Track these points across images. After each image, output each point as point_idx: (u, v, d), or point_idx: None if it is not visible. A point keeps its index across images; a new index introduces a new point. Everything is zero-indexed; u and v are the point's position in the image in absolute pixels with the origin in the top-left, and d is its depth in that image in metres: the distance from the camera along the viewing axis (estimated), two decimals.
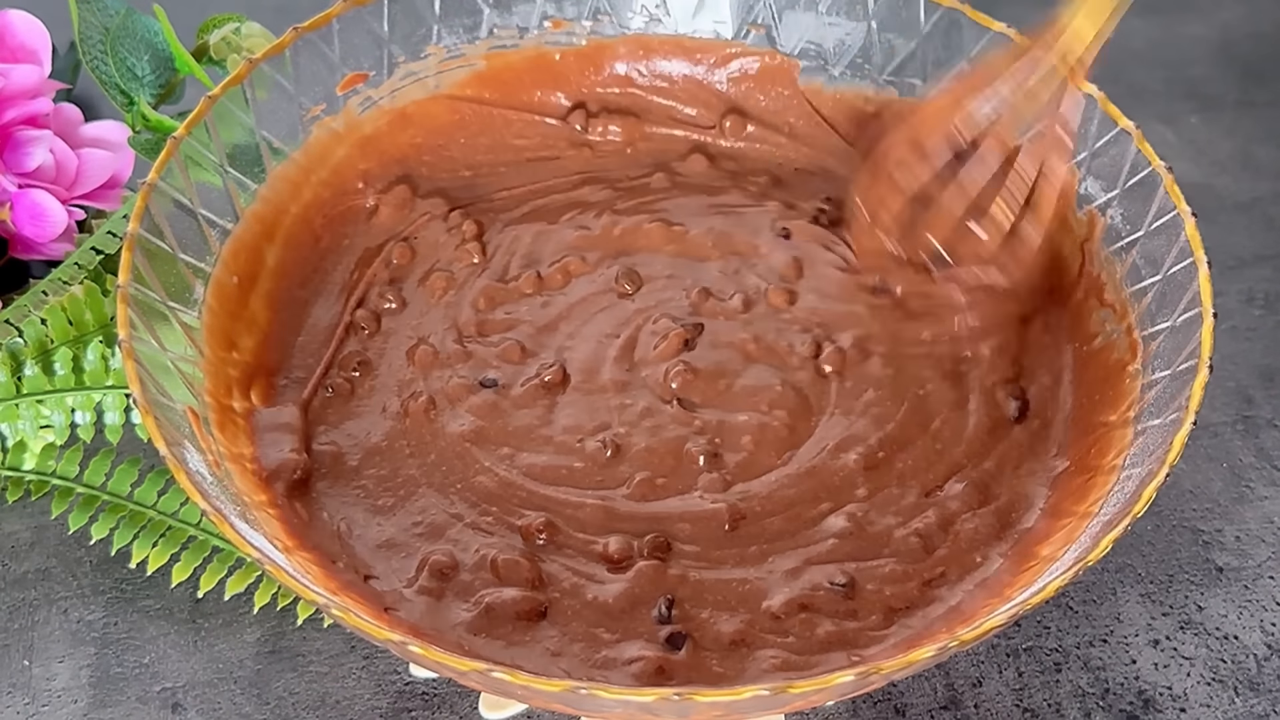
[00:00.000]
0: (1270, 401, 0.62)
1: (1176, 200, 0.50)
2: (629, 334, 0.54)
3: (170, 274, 0.49)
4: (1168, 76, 0.79)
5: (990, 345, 0.54)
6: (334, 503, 0.49)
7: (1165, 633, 0.54)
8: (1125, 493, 0.45)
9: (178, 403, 0.46)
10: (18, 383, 0.55)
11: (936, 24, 0.59)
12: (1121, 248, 0.53)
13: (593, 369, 0.53)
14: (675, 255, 0.57)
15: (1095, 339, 0.53)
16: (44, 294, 0.56)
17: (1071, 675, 0.52)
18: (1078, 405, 0.52)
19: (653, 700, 0.38)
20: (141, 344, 0.46)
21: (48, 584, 0.55)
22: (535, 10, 0.61)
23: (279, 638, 0.53)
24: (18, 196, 0.58)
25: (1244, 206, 0.71)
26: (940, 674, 0.52)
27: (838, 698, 0.42)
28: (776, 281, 0.56)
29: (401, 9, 0.58)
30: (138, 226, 0.48)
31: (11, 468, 0.55)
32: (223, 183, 0.53)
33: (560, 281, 0.56)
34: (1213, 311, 0.47)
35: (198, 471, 0.43)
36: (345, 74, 0.58)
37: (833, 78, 0.62)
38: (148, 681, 0.52)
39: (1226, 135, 0.75)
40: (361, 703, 0.51)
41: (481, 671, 0.39)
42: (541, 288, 0.56)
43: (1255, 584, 0.55)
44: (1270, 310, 0.66)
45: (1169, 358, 0.48)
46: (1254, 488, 0.59)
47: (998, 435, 0.51)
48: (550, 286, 0.56)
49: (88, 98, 0.67)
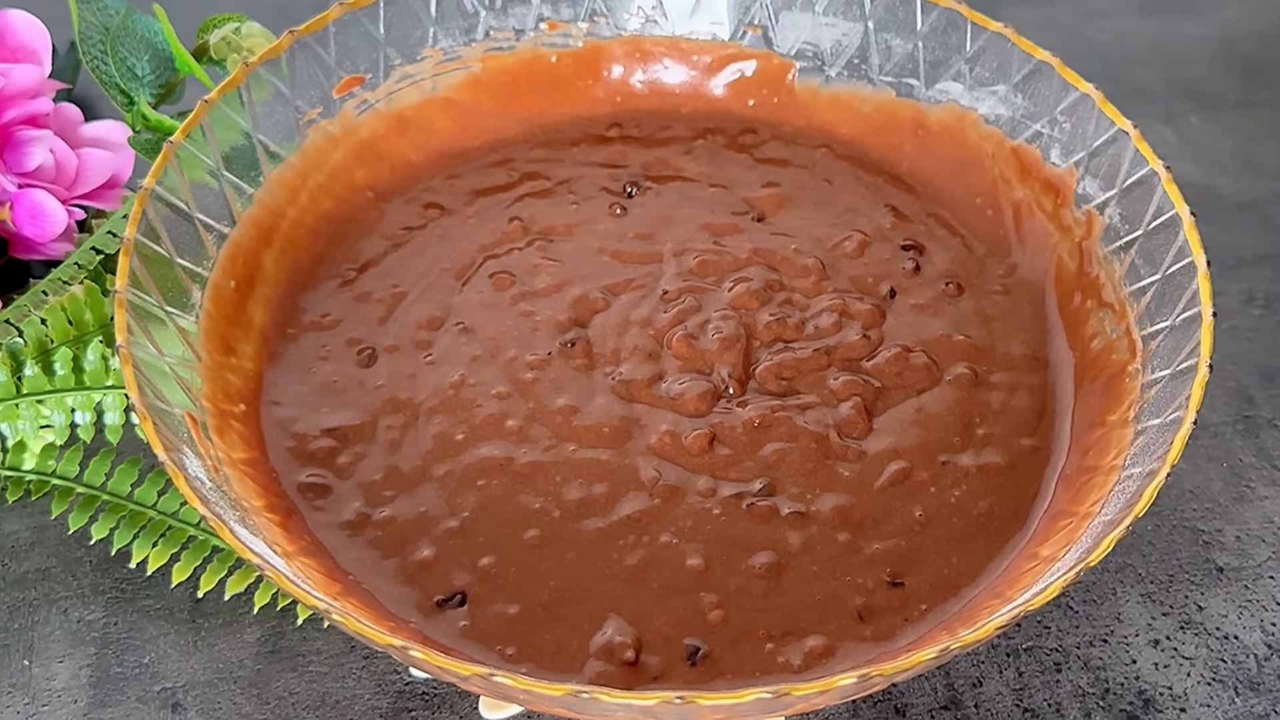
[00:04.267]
0: (1270, 401, 0.62)
1: (1175, 200, 0.50)
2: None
3: (167, 279, 0.49)
4: (1168, 76, 0.79)
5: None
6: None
7: (1165, 633, 0.54)
8: (1125, 493, 0.45)
9: (176, 408, 0.46)
10: (18, 383, 0.55)
11: (934, 24, 0.59)
12: (1120, 247, 0.53)
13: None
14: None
15: (1094, 339, 0.53)
16: (44, 294, 0.56)
17: (1071, 675, 0.52)
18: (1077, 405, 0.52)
19: (654, 704, 0.38)
20: (139, 349, 0.46)
21: (48, 584, 0.55)
22: (531, 12, 0.61)
23: (279, 638, 0.53)
24: (18, 196, 0.58)
25: (1244, 206, 0.71)
26: (940, 674, 0.52)
27: (839, 700, 0.42)
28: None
29: (397, 11, 0.58)
30: (134, 231, 0.48)
31: (11, 468, 0.55)
32: (219, 186, 0.53)
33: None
34: (1212, 310, 0.47)
35: (196, 477, 0.43)
36: (341, 77, 0.58)
37: (829, 78, 0.62)
38: (148, 681, 0.52)
39: (1226, 135, 0.75)
40: (361, 703, 0.51)
41: (483, 676, 0.39)
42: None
43: (1255, 584, 0.55)
44: (1270, 310, 0.66)
45: (1168, 357, 0.48)
46: (1254, 488, 0.59)
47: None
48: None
49: (88, 98, 0.67)
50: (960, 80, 0.59)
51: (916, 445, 0.50)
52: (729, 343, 0.53)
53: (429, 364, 0.53)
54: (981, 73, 0.58)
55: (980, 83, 0.58)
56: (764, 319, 0.54)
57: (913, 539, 0.48)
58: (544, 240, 0.58)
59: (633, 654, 0.45)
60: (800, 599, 0.46)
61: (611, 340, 0.53)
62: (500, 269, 0.56)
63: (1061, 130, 0.56)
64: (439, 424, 0.51)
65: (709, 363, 0.52)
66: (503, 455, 0.50)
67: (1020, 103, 0.57)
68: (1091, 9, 0.84)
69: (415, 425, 0.51)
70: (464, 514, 0.48)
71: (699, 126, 0.63)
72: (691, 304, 0.54)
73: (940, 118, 0.60)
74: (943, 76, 0.59)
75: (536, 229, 0.58)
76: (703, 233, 0.58)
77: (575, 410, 0.51)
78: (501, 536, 0.48)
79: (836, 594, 0.47)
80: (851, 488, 0.49)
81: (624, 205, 0.59)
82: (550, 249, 0.57)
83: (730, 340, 0.53)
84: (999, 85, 0.58)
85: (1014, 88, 0.57)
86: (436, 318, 0.55)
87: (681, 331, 0.53)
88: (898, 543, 0.48)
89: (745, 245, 0.57)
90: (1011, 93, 0.57)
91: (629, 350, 0.53)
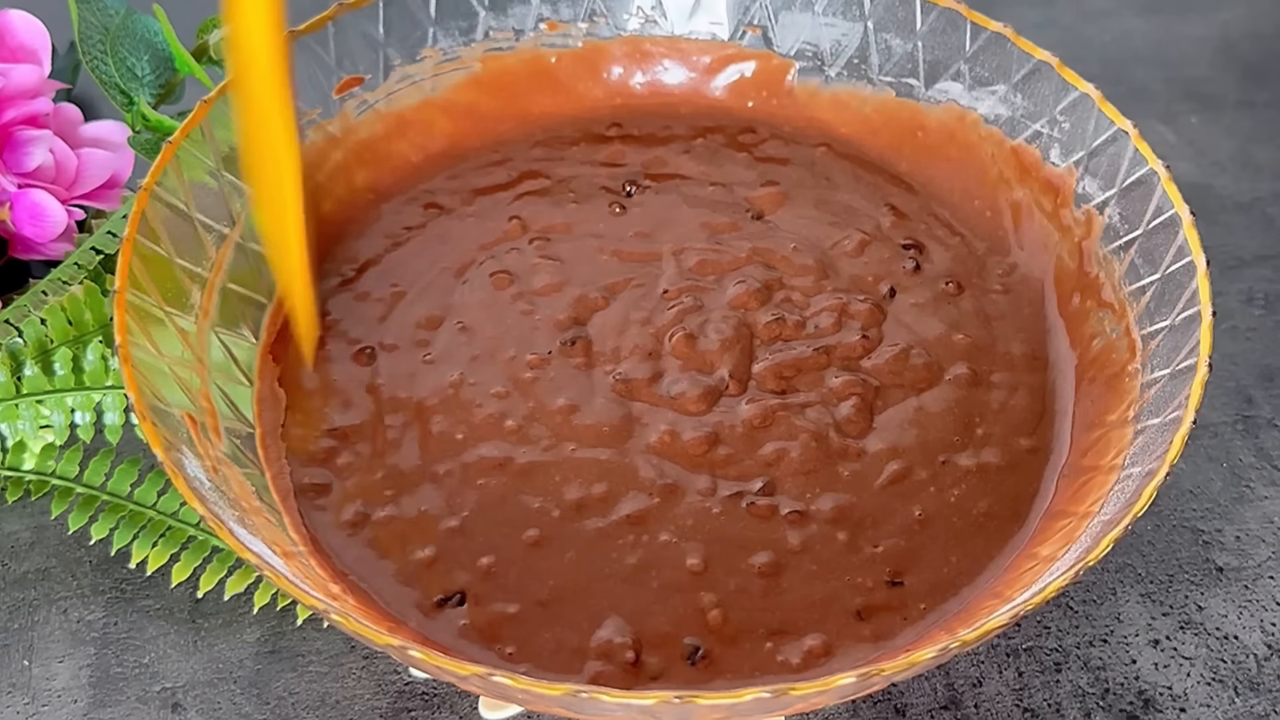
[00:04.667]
0: (1270, 401, 0.62)
1: (1174, 199, 0.50)
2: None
3: (167, 279, 0.49)
4: (1168, 76, 0.79)
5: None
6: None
7: (1165, 633, 0.54)
8: (1125, 492, 0.45)
9: (175, 408, 0.46)
10: (17, 383, 0.55)
11: (934, 24, 0.59)
12: (1120, 247, 0.53)
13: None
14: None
15: (1094, 339, 0.53)
16: (44, 294, 0.56)
17: (1071, 675, 0.52)
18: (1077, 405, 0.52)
19: (654, 703, 0.38)
20: (139, 349, 0.46)
21: (48, 584, 0.55)
22: (531, 12, 0.61)
23: (279, 638, 0.53)
24: (17, 196, 0.58)
25: (1244, 206, 0.71)
26: (940, 674, 0.52)
27: (840, 699, 0.42)
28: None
29: (397, 12, 0.58)
30: (134, 231, 0.48)
31: (11, 468, 0.55)
32: (219, 187, 0.53)
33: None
34: (1211, 310, 0.47)
35: (195, 477, 0.43)
36: (341, 77, 0.58)
37: (829, 78, 0.62)
38: (148, 681, 0.52)
39: (1226, 135, 0.75)
40: (361, 703, 0.51)
41: (482, 676, 0.39)
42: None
43: (1255, 584, 0.55)
44: (1270, 310, 0.66)
45: (1168, 357, 0.48)
46: (1254, 488, 0.59)
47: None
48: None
49: (88, 98, 0.67)
50: (960, 80, 0.59)
51: (916, 444, 0.50)
52: (729, 342, 0.53)
53: (428, 363, 0.53)
54: (981, 73, 0.58)
55: (980, 83, 0.58)
56: (764, 318, 0.54)
57: (912, 538, 0.48)
58: (543, 239, 0.58)
59: (632, 654, 0.45)
60: (800, 598, 0.46)
61: (611, 339, 0.53)
62: (500, 268, 0.56)
63: (1061, 130, 0.56)
64: (439, 423, 0.51)
65: (709, 362, 0.52)
66: (502, 455, 0.50)
67: (1020, 102, 0.57)
68: (1091, 9, 0.84)
69: (415, 425, 0.51)
70: (464, 513, 0.48)
71: (698, 125, 0.63)
72: (692, 303, 0.54)
73: (940, 118, 0.60)
74: (942, 76, 0.59)
75: (536, 228, 0.58)
76: (702, 232, 0.58)
77: (575, 409, 0.51)
78: (501, 536, 0.48)
79: (836, 593, 0.47)
80: (851, 487, 0.49)
81: (623, 204, 0.59)
82: (549, 248, 0.57)
83: (731, 340, 0.53)
84: (999, 85, 0.58)
85: (1014, 87, 0.57)
86: (436, 317, 0.55)
87: (681, 331, 0.53)
88: (897, 542, 0.48)
89: (745, 244, 0.57)
90: (1011, 92, 0.57)
91: (629, 349, 0.53)
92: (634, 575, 0.47)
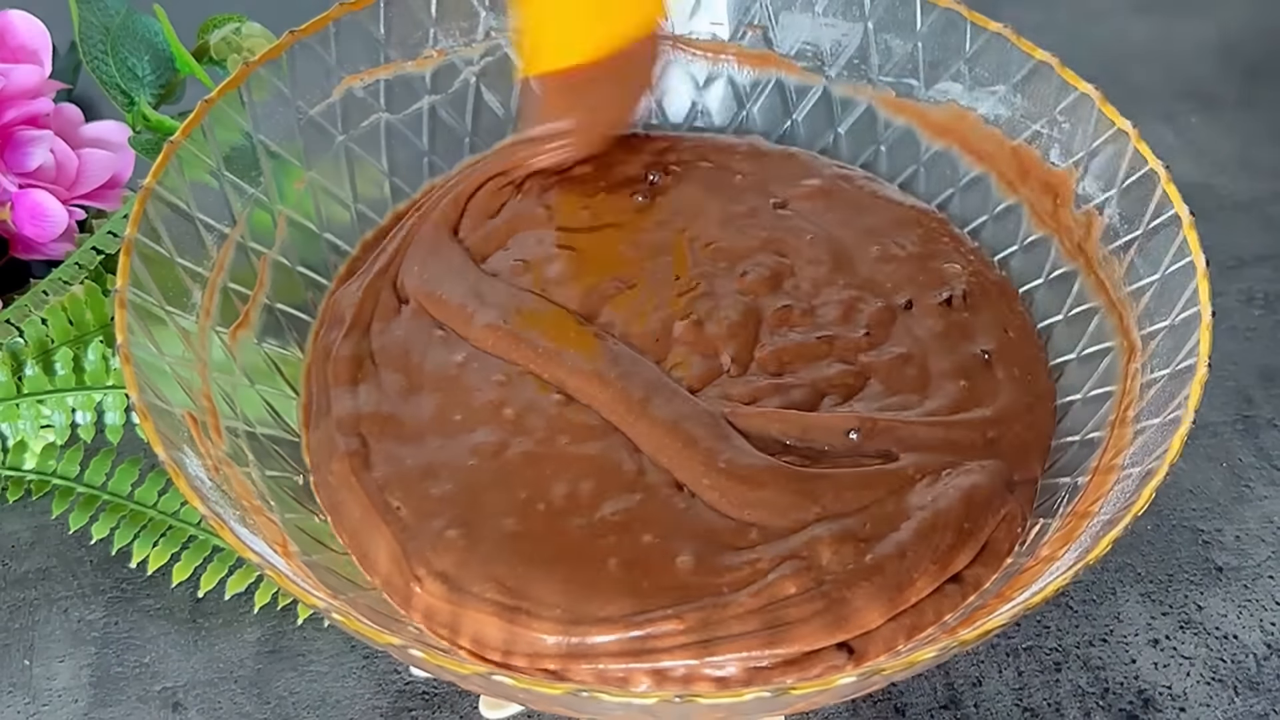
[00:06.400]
0: (1270, 401, 0.62)
1: (1174, 200, 0.50)
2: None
3: (168, 278, 0.49)
4: (1168, 76, 0.79)
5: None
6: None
7: (1165, 632, 0.54)
8: (1125, 492, 0.45)
9: (176, 407, 0.46)
10: (18, 383, 0.55)
11: (934, 24, 0.59)
12: (1119, 247, 0.53)
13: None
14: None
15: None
16: (45, 294, 0.56)
17: (1071, 675, 0.52)
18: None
19: (654, 703, 0.38)
20: (139, 348, 0.46)
21: (48, 584, 0.55)
22: None
23: (279, 637, 0.53)
24: (18, 196, 0.58)
25: (1244, 206, 0.71)
26: (940, 674, 0.52)
27: (839, 699, 0.42)
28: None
29: (397, 12, 0.58)
30: (135, 231, 0.48)
31: (12, 468, 0.55)
32: (219, 187, 0.53)
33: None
34: (1211, 309, 0.47)
35: (196, 476, 0.43)
36: (342, 77, 0.58)
37: (829, 79, 0.62)
38: (148, 681, 0.52)
39: (1226, 135, 0.75)
40: (362, 702, 0.51)
41: (483, 675, 0.39)
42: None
43: (1255, 584, 0.55)
44: (1270, 310, 0.66)
45: (1168, 357, 0.48)
46: (1254, 487, 0.59)
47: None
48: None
49: (88, 98, 0.67)
50: (960, 80, 0.59)
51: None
52: (735, 327, 0.53)
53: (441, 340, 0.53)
54: (981, 73, 0.58)
55: (980, 83, 0.58)
56: (774, 305, 0.54)
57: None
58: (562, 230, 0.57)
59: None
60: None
61: (620, 326, 0.53)
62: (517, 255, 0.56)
63: (1061, 130, 0.56)
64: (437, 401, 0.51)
65: (715, 347, 0.52)
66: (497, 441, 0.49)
67: (1020, 103, 0.57)
68: (1091, 9, 0.85)
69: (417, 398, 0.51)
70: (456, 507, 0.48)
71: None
72: (704, 289, 0.54)
73: (940, 118, 0.60)
74: (942, 77, 0.59)
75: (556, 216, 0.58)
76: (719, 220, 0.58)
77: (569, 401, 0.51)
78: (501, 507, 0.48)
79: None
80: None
81: (646, 193, 0.59)
82: (566, 236, 0.57)
83: (737, 325, 0.53)
84: (998, 85, 0.58)
85: (1013, 88, 0.57)
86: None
87: (691, 316, 0.53)
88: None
89: (761, 233, 0.57)
90: (1011, 93, 0.57)
91: (637, 335, 0.53)
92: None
